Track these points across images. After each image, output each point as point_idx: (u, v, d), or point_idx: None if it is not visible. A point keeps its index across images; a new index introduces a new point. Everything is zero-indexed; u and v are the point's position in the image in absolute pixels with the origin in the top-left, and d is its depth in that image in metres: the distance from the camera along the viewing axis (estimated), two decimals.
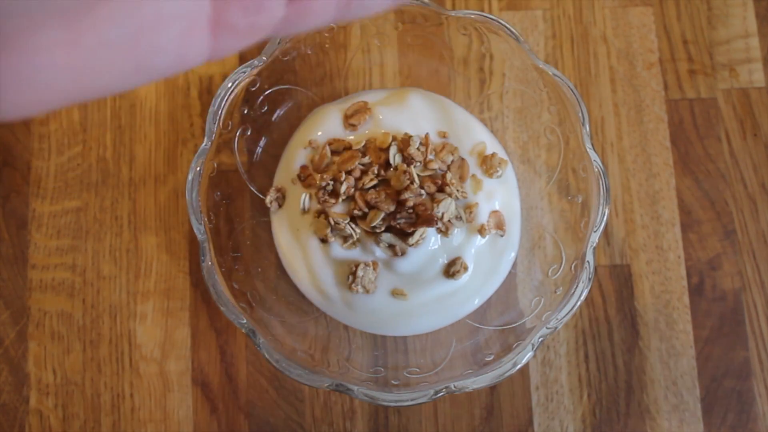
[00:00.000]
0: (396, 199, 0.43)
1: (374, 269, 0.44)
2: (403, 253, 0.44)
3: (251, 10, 0.20)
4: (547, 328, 0.40)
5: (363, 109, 0.47)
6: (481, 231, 0.45)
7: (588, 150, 0.42)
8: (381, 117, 0.46)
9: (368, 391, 0.39)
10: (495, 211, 0.46)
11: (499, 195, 0.46)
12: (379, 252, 0.44)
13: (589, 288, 0.40)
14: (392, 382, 0.42)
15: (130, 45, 0.18)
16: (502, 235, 0.46)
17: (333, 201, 0.44)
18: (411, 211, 0.43)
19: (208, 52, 0.20)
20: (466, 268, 0.44)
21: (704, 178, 0.51)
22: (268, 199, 0.46)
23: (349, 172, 0.44)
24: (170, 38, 0.18)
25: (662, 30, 0.53)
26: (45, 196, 0.50)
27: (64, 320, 0.49)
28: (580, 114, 0.42)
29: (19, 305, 0.49)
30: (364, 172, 0.44)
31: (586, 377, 0.48)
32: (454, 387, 0.39)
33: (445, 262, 0.45)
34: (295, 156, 0.47)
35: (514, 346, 0.41)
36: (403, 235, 0.43)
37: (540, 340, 0.40)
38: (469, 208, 0.45)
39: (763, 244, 0.50)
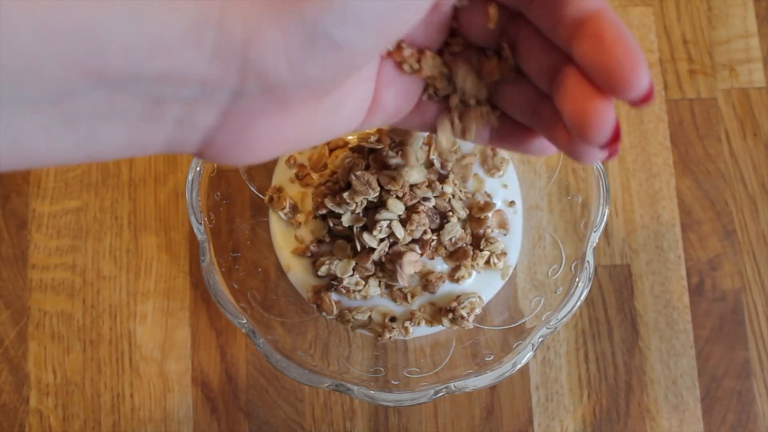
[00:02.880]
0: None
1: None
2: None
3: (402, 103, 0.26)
4: (547, 328, 0.40)
5: None
6: (487, 236, 0.45)
7: None
8: None
9: (368, 391, 0.39)
10: (497, 211, 0.46)
11: (501, 194, 0.46)
12: None
13: (589, 288, 0.40)
14: (392, 382, 0.42)
15: (327, 119, 0.23)
16: (505, 234, 0.46)
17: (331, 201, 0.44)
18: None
19: (360, 123, 0.25)
20: (470, 274, 0.44)
21: (704, 178, 0.51)
22: (267, 199, 0.46)
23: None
24: (348, 114, 0.24)
25: (662, 30, 0.53)
26: (45, 196, 0.50)
27: (64, 320, 0.49)
28: None
29: (19, 305, 0.49)
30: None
31: (586, 377, 0.48)
32: (454, 387, 0.39)
33: (450, 267, 0.45)
34: (294, 155, 0.47)
35: (514, 346, 0.41)
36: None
37: (540, 340, 0.40)
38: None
39: (763, 244, 0.50)
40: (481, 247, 0.44)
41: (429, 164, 0.44)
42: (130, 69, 0.17)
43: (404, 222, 0.42)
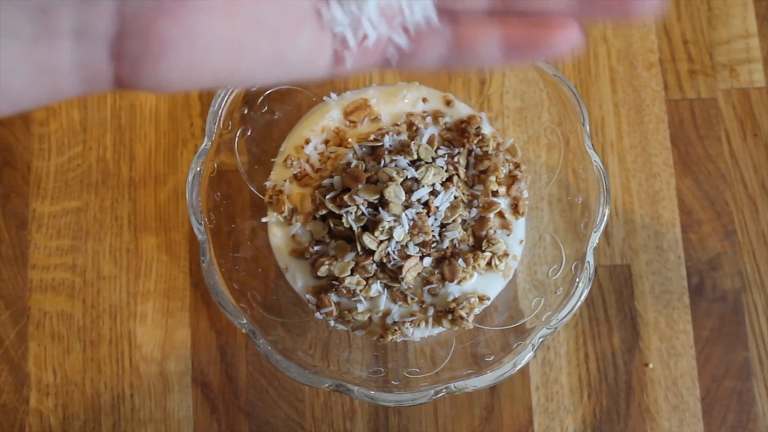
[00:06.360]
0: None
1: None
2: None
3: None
4: (547, 328, 0.40)
5: (363, 106, 0.47)
6: (489, 237, 0.45)
7: (588, 150, 0.42)
8: (381, 114, 0.46)
9: (368, 392, 0.39)
10: (500, 211, 0.46)
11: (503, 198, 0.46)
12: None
13: (589, 288, 0.40)
14: (392, 382, 0.42)
15: (274, 33, 0.20)
16: (508, 235, 0.46)
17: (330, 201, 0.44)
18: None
19: (330, 66, 0.22)
20: (472, 275, 0.44)
21: (704, 178, 0.51)
22: (267, 199, 0.46)
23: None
24: (304, 40, 0.21)
25: (662, 30, 0.53)
26: (45, 196, 0.50)
27: (64, 320, 0.49)
28: (580, 114, 0.42)
29: (19, 305, 0.49)
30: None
31: (586, 377, 0.48)
32: (454, 387, 0.39)
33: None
34: (292, 154, 0.47)
35: (514, 346, 0.41)
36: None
37: (540, 340, 0.40)
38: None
39: (763, 244, 0.50)
40: (483, 248, 0.44)
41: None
42: None
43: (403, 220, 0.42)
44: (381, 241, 0.42)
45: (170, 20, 0.19)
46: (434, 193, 0.43)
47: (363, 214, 0.42)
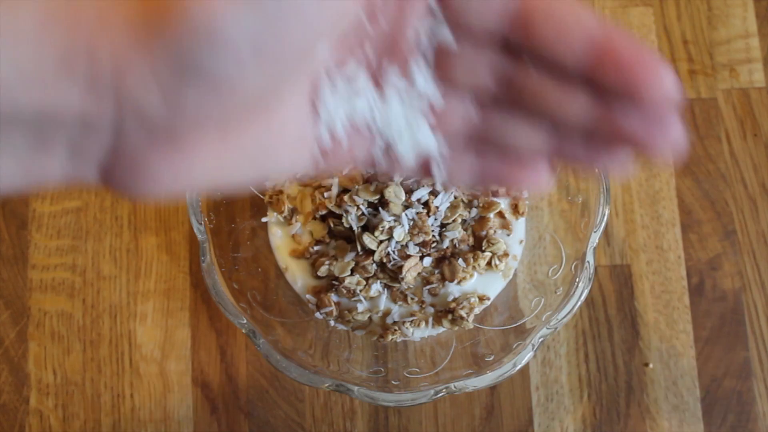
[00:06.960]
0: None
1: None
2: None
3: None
4: (547, 328, 0.40)
5: None
6: (489, 237, 0.45)
7: None
8: None
9: (368, 392, 0.39)
10: (500, 211, 0.46)
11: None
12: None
13: (589, 288, 0.40)
14: (392, 382, 0.42)
15: (259, 158, 0.21)
16: (508, 235, 0.46)
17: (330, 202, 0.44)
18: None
19: (309, 167, 0.23)
20: (472, 275, 0.44)
21: (704, 178, 0.51)
22: (266, 199, 0.46)
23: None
24: (287, 155, 0.22)
25: (662, 30, 0.53)
26: (45, 196, 0.50)
27: (64, 320, 0.49)
28: None
29: (19, 305, 0.49)
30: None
31: (586, 377, 0.48)
32: (454, 387, 0.39)
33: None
34: None
35: (514, 346, 0.41)
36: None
37: (540, 340, 0.40)
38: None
39: (763, 244, 0.50)
40: (483, 248, 0.44)
41: None
42: (8, 105, 0.16)
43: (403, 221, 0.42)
44: (381, 241, 0.42)
45: (162, 161, 0.19)
46: (434, 192, 0.43)
47: (363, 214, 0.42)
